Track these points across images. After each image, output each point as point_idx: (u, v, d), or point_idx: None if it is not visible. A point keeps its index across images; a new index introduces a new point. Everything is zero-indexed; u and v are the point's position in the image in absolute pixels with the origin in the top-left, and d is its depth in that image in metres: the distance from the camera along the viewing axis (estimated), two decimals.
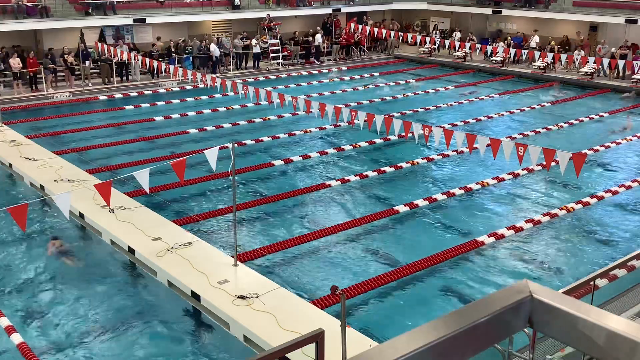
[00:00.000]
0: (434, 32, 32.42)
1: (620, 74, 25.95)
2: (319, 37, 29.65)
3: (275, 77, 26.58)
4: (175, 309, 9.50)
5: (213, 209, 13.01)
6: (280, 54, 28.50)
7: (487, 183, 14.61)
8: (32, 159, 15.05)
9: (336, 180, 14.66)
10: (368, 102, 22.75)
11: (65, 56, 23.29)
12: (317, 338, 3.73)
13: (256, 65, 27.77)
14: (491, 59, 28.89)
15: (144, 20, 25.85)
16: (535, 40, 28.68)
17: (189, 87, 23.85)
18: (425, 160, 16.36)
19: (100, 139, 17.92)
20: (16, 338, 8.40)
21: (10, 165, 15.07)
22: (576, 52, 26.51)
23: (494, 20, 32.14)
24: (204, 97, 22.62)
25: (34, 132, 18.14)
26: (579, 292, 7.69)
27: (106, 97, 22.67)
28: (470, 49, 28.97)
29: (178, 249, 10.47)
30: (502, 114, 21.40)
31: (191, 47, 25.74)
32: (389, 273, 10.29)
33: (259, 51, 27.53)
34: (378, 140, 17.69)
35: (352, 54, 31.04)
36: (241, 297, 8.99)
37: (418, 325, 1.79)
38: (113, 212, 11.87)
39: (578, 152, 14.65)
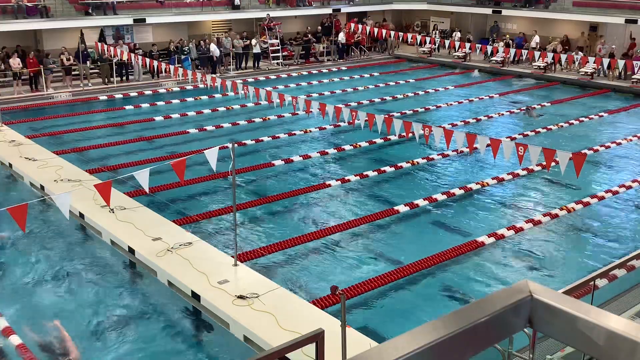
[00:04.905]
0: (433, 32, 32.43)
1: (621, 73, 25.94)
2: (342, 36, 29.81)
3: (275, 77, 26.59)
4: (175, 309, 9.50)
5: (213, 209, 13.01)
6: (280, 54, 28.51)
7: (487, 183, 14.61)
8: (32, 159, 15.05)
9: (336, 180, 14.66)
10: (368, 101, 22.76)
11: (62, 56, 23.24)
12: (317, 338, 3.73)
13: (256, 65, 27.78)
14: (491, 59, 28.89)
15: (144, 20, 25.86)
16: (535, 40, 28.69)
17: (189, 87, 23.86)
18: (425, 160, 16.36)
19: (100, 139, 17.92)
20: (15, 339, 8.40)
21: (10, 165, 15.07)
22: (575, 52, 26.53)
23: (493, 20, 32.14)
24: (204, 97, 22.64)
25: (34, 132, 18.14)
26: (579, 292, 7.68)
27: (106, 97, 22.68)
28: (470, 49, 28.98)
29: (178, 249, 10.47)
30: (502, 114, 21.42)
31: (189, 49, 25.72)
32: (389, 273, 10.29)
33: (259, 51, 27.53)
34: (378, 140, 17.70)
35: (352, 54, 31.05)
36: (241, 297, 8.99)
37: (418, 325, 1.79)
38: (113, 212, 11.88)
39: (578, 152, 14.66)
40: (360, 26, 30.37)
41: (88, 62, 23.81)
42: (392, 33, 30.58)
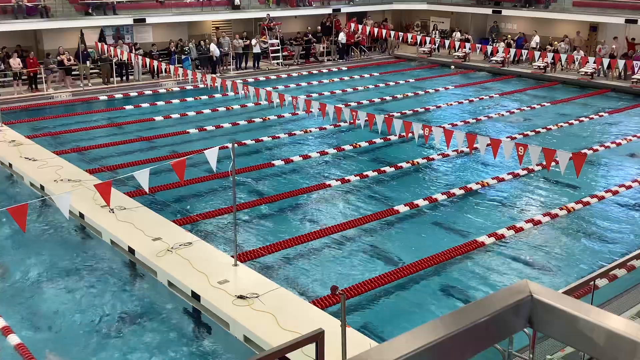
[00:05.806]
0: (433, 32, 32.42)
1: (621, 73, 25.92)
2: (342, 36, 29.94)
3: (275, 77, 26.58)
4: (175, 309, 9.50)
5: (213, 209, 13.01)
6: (280, 54, 28.50)
7: (487, 183, 14.61)
8: (32, 159, 15.04)
9: (336, 180, 14.66)
10: (368, 101, 22.76)
11: (61, 57, 23.19)
12: (317, 338, 3.73)
13: (256, 65, 27.77)
14: (491, 59, 28.88)
15: (144, 20, 25.85)
16: (535, 40, 28.68)
17: (189, 87, 23.86)
18: (425, 160, 16.36)
19: (100, 139, 17.92)
20: (13, 339, 8.40)
21: (10, 165, 15.06)
22: (575, 52, 26.53)
23: (493, 20, 32.15)
24: (204, 97, 22.63)
25: (34, 132, 18.14)
26: (579, 292, 7.68)
27: (106, 97, 22.68)
28: (470, 49, 28.98)
29: (178, 249, 10.47)
30: (502, 114, 21.42)
31: (189, 49, 25.71)
32: (389, 273, 10.29)
33: (259, 51, 27.52)
34: (378, 140, 17.70)
35: (352, 54, 31.04)
36: (241, 297, 8.98)
37: (418, 325, 1.79)
38: (113, 212, 11.87)
39: (578, 152, 14.66)
40: (360, 26, 30.36)
41: (88, 62, 23.80)
42: (392, 33, 30.57)
